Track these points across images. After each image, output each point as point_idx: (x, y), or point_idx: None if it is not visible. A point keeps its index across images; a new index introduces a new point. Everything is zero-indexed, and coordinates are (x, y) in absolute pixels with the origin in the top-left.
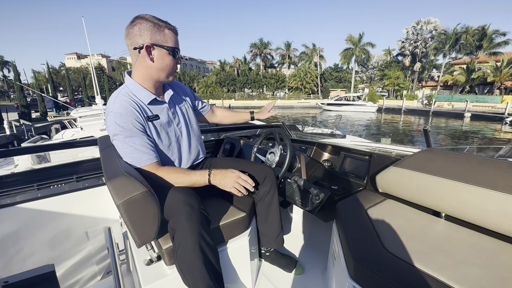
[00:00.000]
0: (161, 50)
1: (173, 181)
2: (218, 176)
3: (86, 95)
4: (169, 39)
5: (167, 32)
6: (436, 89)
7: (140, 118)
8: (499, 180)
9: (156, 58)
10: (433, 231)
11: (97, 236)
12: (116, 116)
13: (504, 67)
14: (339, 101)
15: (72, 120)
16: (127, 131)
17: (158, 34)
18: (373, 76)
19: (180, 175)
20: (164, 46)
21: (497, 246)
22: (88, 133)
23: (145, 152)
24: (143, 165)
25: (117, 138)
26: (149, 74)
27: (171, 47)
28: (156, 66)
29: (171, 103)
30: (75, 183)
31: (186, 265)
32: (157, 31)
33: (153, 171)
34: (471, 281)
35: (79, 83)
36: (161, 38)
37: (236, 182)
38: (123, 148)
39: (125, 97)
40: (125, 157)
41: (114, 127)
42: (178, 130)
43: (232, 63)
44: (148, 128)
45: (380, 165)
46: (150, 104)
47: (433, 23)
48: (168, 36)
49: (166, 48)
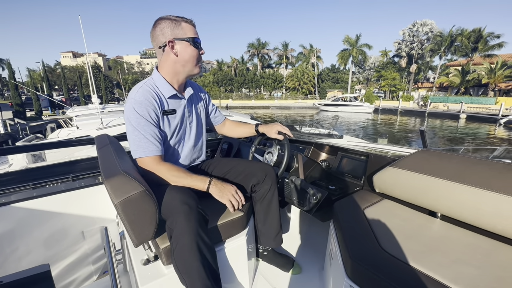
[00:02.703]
0: (182, 43)
1: (172, 179)
2: (217, 186)
3: (82, 94)
4: (188, 31)
5: (184, 25)
6: (432, 90)
7: (157, 109)
8: (494, 180)
9: (179, 51)
10: (429, 231)
11: (94, 235)
12: (135, 103)
13: (498, 69)
14: (336, 101)
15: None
16: (141, 119)
17: (177, 29)
18: (370, 77)
19: (181, 174)
20: (185, 38)
21: (492, 246)
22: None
23: (152, 143)
24: (147, 155)
25: (130, 124)
26: (175, 69)
27: (191, 37)
28: (181, 58)
29: (189, 101)
30: (71, 182)
31: (183, 265)
32: (175, 26)
33: (155, 164)
34: (466, 280)
35: (74, 81)
36: (180, 32)
37: (232, 196)
38: (133, 135)
39: (148, 88)
40: (132, 144)
41: (131, 112)
42: (189, 128)
43: (229, 63)
44: (163, 121)
45: (377, 165)
46: (170, 98)
47: (429, 25)
48: (186, 29)
49: (186, 40)
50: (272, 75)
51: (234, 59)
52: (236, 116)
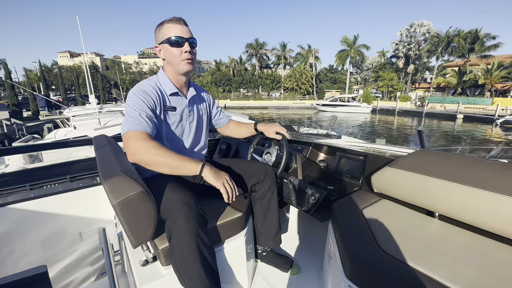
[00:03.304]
0: (163, 45)
1: (159, 159)
2: (211, 170)
3: (79, 94)
4: (168, 32)
5: (166, 26)
6: (429, 90)
7: (157, 101)
8: (491, 180)
9: (163, 54)
10: (427, 230)
11: (91, 237)
12: (137, 90)
13: (494, 70)
14: (334, 102)
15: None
16: (140, 101)
17: (159, 33)
18: (368, 77)
19: (170, 154)
20: (164, 40)
21: (490, 245)
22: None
23: (145, 121)
24: (135, 129)
25: (128, 106)
26: (168, 70)
27: (167, 37)
28: (166, 61)
29: (191, 101)
30: (68, 183)
31: (183, 265)
32: (159, 31)
33: (141, 139)
34: (464, 280)
35: (72, 81)
36: (161, 35)
37: (226, 182)
38: (129, 113)
39: (152, 83)
40: (124, 121)
41: (131, 97)
42: (189, 127)
43: (227, 63)
44: (162, 115)
45: (375, 165)
46: (171, 95)
47: (426, 26)
48: (166, 30)
49: (165, 42)
50: (270, 75)
51: (232, 59)
52: (234, 117)
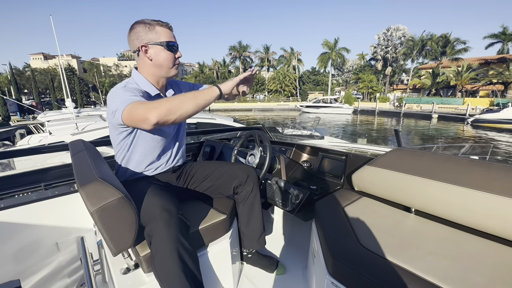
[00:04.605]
0: (155, 47)
1: (172, 103)
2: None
3: (54, 98)
4: (162, 35)
5: (159, 29)
6: (406, 92)
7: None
8: (461, 175)
9: (153, 55)
10: (404, 225)
11: (69, 246)
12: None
13: (464, 72)
14: (317, 103)
15: (39, 124)
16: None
17: (151, 33)
18: (349, 79)
19: (184, 98)
20: (158, 42)
21: (461, 237)
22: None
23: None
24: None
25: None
26: (151, 71)
27: (165, 41)
28: (155, 63)
29: None
30: (43, 191)
31: (163, 272)
32: (149, 31)
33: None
34: (438, 271)
35: (46, 85)
36: (153, 36)
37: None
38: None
39: (133, 85)
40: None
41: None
42: (170, 130)
43: (211, 66)
44: None
45: (355, 164)
46: (154, 97)
47: (401, 30)
48: (160, 33)
49: (160, 44)
50: (254, 77)
51: (216, 61)
52: (218, 119)
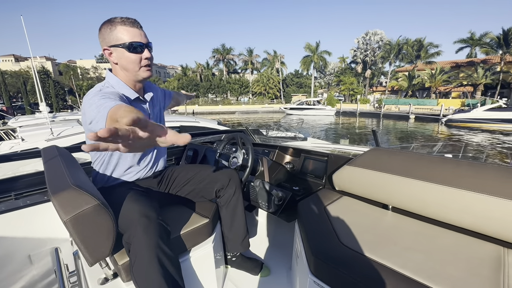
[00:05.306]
0: (117, 49)
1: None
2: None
3: (27, 102)
4: (123, 35)
5: (120, 28)
6: (385, 93)
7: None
8: (435, 173)
9: (117, 59)
10: (382, 222)
11: (43, 259)
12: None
13: (437, 74)
14: (300, 105)
15: (9, 130)
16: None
17: (111, 35)
18: (331, 81)
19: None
20: (119, 44)
21: (436, 232)
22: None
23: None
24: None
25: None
26: (123, 75)
27: (127, 42)
28: (120, 66)
29: (150, 105)
30: (13, 201)
31: (143, 281)
32: (110, 32)
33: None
34: (413, 265)
35: (18, 88)
36: (114, 37)
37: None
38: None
39: (110, 89)
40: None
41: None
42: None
43: (194, 68)
44: None
45: (336, 164)
46: (134, 101)
47: (379, 34)
48: (121, 33)
49: (121, 46)
50: (238, 80)
51: (199, 64)
52: (202, 122)
